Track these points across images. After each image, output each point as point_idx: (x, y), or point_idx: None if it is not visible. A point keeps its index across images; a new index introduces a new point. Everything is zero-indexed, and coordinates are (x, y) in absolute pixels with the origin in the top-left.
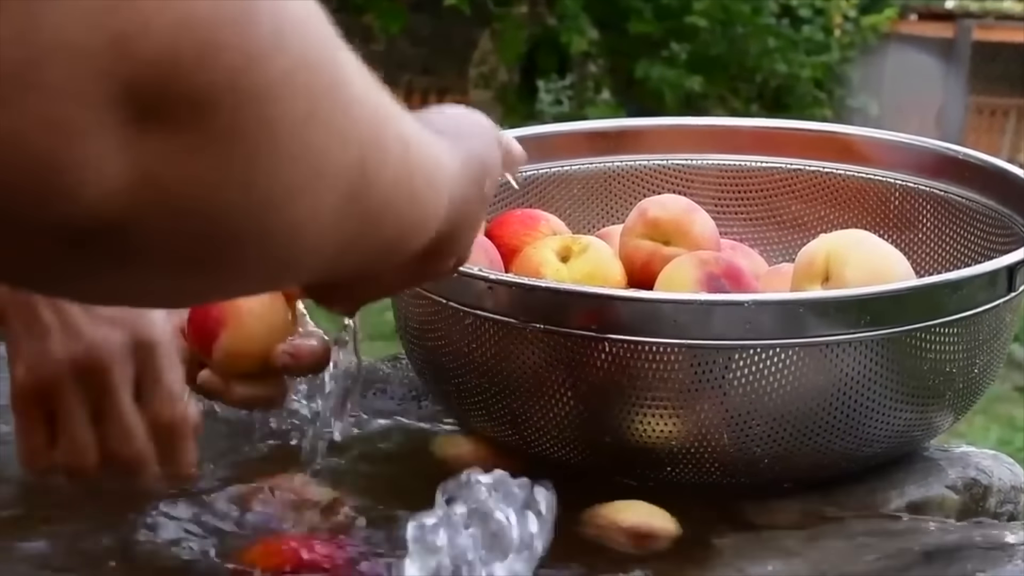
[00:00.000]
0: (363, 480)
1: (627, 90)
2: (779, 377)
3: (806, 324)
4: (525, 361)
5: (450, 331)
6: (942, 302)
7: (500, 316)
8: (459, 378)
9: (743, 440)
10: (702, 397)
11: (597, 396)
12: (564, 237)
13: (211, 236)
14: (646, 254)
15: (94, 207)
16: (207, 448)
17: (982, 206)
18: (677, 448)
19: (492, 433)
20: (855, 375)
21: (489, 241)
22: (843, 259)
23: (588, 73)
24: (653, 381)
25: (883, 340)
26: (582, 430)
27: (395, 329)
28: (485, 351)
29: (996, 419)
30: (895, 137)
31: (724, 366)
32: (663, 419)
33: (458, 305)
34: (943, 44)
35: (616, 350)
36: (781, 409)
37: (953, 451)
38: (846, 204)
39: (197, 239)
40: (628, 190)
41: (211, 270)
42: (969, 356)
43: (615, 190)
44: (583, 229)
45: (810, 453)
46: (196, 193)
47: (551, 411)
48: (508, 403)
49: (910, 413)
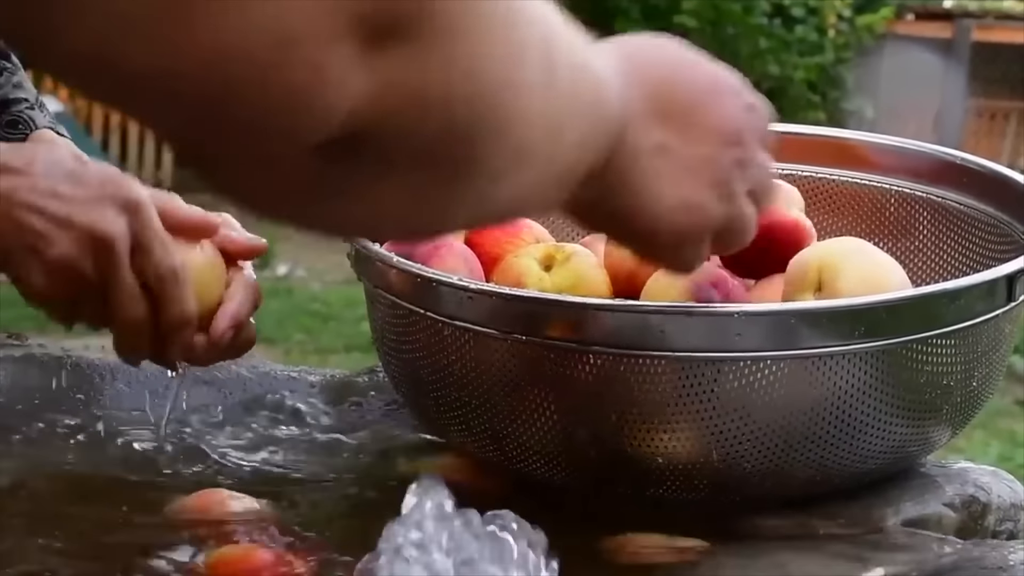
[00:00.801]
0: (340, 497)
1: None
2: (770, 390)
3: (798, 335)
4: (506, 374)
5: (428, 342)
6: (939, 312)
7: (480, 327)
8: (438, 391)
9: (732, 456)
10: (690, 411)
11: (581, 410)
12: (547, 245)
13: (450, 129)
14: (632, 263)
15: (346, 121)
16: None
17: (981, 213)
18: (665, 464)
19: (472, 449)
20: (849, 388)
21: (469, 249)
22: (836, 268)
23: None
24: (639, 394)
25: (878, 352)
26: (565, 446)
27: (371, 340)
28: (465, 363)
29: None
30: (891, 141)
31: (713, 379)
32: (650, 434)
33: (436, 315)
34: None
35: (601, 362)
36: (772, 424)
37: (951, 467)
38: (840, 211)
39: (439, 136)
40: None
41: (453, 172)
42: (967, 368)
43: None
44: (567, 237)
45: (802, 469)
46: (432, 92)
47: (533, 426)
48: (488, 418)
49: (906, 428)
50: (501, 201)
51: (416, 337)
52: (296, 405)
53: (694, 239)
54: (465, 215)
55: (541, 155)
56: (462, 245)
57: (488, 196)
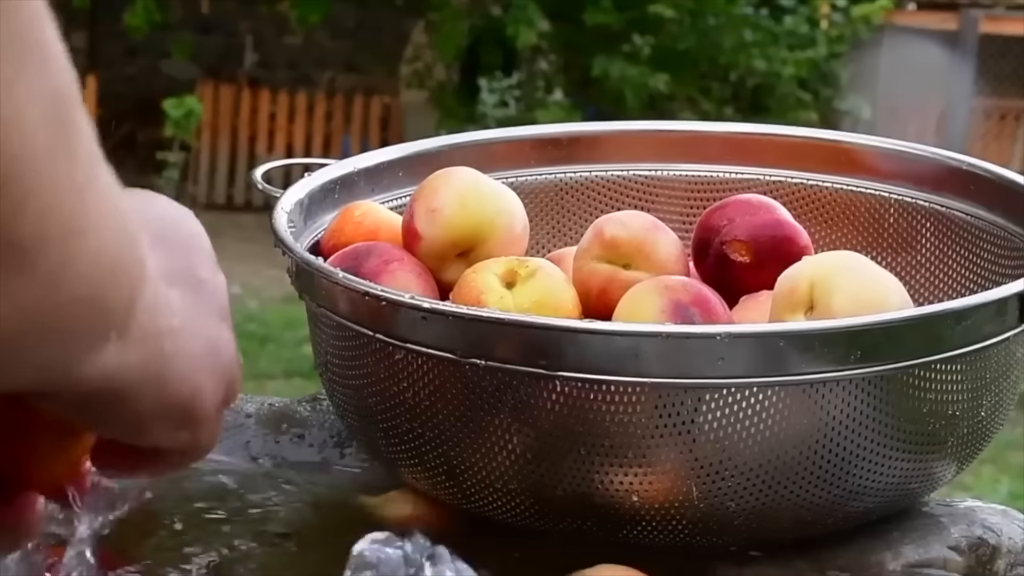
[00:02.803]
0: (277, 540)
1: (582, 90)
2: (756, 421)
3: (787, 360)
4: (464, 402)
5: (377, 367)
6: (944, 335)
7: (435, 350)
8: (388, 422)
9: (715, 494)
10: (668, 444)
11: (547, 443)
12: (509, 259)
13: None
14: (603, 279)
15: None
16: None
17: (990, 224)
18: (639, 504)
19: (426, 486)
20: (844, 419)
21: (422, 263)
22: (830, 285)
23: (538, 70)
24: (611, 426)
25: (876, 379)
26: (530, 483)
27: (314, 365)
28: (418, 391)
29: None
30: (891, 145)
31: (693, 408)
32: (623, 470)
33: (387, 338)
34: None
35: (569, 390)
36: (759, 458)
37: (957, 506)
38: (834, 222)
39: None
40: (583, 205)
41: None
42: (975, 397)
43: (568, 206)
44: (531, 251)
45: (792, 508)
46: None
47: (494, 461)
48: (444, 451)
49: (907, 462)
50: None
51: (364, 362)
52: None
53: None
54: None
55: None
56: (415, 259)
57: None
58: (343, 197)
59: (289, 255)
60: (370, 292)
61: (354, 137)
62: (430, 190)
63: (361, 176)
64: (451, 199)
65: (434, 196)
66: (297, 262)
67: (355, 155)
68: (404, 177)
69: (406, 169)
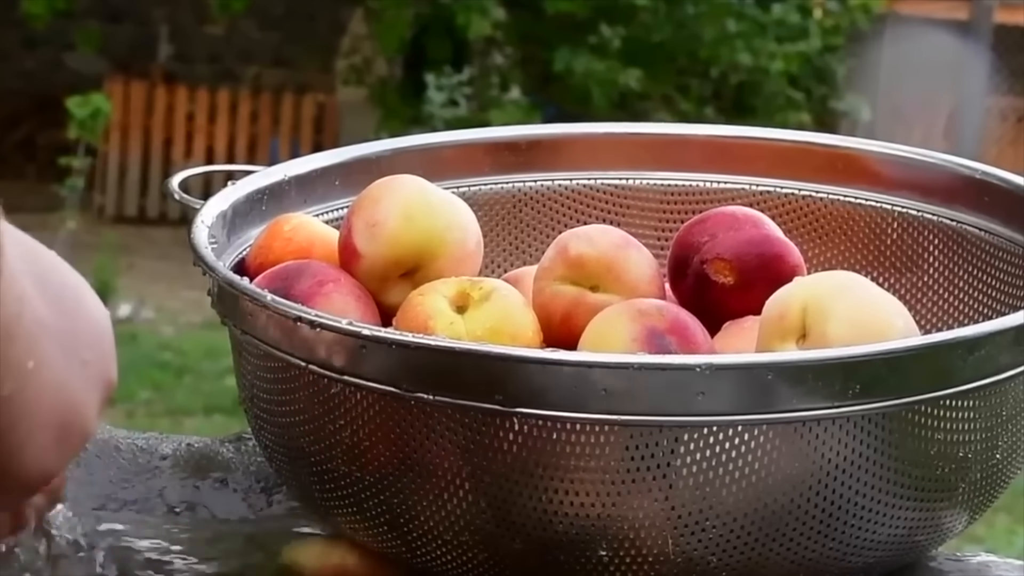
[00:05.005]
0: None
1: (543, 88)
2: (741, 464)
3: (776, 395)
4: (409, 443)
5: (311, 403)
6: (954, 367)
7: (376, 384)
8: (323, 465)
9: (694, 547)
10: (640, 490)
11: (503, 489)
12: (461, 280)
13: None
14: (567, 303)
15: None
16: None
17: (1006, 241)
18: (608, 558)
19: (366, 538)
20: (840, 462)
21: (362, 285)
22: (825, 310)
23: (492, 65)
24: (576, 469)
25: (877, 416)
26: (483, 534)
27: (238, 399)
28: (356, 429)
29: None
30: (894, 150)
31: (669, 450)
32: (589, 520)
33: (321, 369)
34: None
35: (528, 428)
36: (744, 507)
37: (968, 561)
38: (829, 238)
39: None
40: (544, 219)
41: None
42: (989, 437)
43: (527, 219)
44: (485, 270)
45: (782, 564)
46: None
47: (443, 509)
48: (387, 498)
49: (912, 511)
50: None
51: (295, 396)
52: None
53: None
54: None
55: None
56: (353, 280)
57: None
58: (271, 209)
59: (210, 275)
60: (302, 317)
61: (283, 140)
62: (370, 201)
63: (292, 185)
64: (394, 211)
65: (375, 208)
66: (219, 283)
67: (285, 161)
68: (341, 186)
69: (343, 177)
